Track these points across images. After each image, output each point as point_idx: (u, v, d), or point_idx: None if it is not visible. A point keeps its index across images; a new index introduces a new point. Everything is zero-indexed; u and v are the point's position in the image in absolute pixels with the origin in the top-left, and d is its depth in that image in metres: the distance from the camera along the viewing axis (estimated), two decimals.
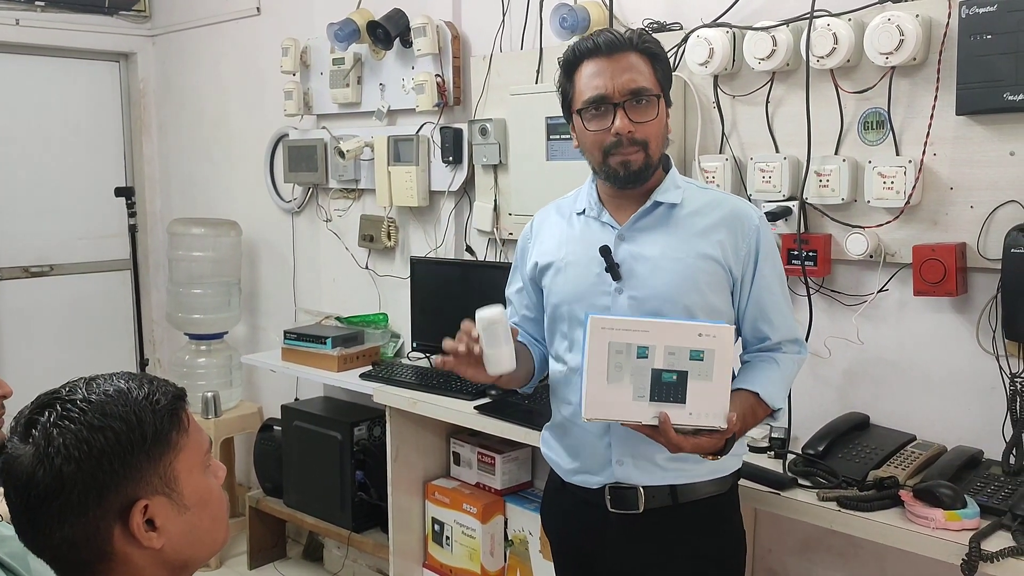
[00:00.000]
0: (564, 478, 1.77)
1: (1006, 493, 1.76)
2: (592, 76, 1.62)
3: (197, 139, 4.26)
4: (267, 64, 3.67)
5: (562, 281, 1.72)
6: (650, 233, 1.66)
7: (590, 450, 1.70)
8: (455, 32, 2.98)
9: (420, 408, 2.70)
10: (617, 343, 1.45)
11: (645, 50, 1.63)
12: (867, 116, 2.09)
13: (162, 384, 1.11)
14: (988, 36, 1.84)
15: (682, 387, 1.46)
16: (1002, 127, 1.90)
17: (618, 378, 1.46)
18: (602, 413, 1.49)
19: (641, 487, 1.66)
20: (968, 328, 2.00)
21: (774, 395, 1.64)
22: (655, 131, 1.63)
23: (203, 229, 3.79)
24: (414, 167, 3.06)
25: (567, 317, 1.71)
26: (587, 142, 1.66)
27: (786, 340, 1.71)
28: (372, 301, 3.39)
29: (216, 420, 3.62)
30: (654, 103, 1.62)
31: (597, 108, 1.61)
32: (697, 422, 1.47)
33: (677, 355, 1.45)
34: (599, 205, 1.71)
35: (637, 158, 1.61)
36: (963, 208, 1.97)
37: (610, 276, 1.65)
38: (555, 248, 1.75)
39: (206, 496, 1.12)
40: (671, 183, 1.69)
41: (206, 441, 1.15)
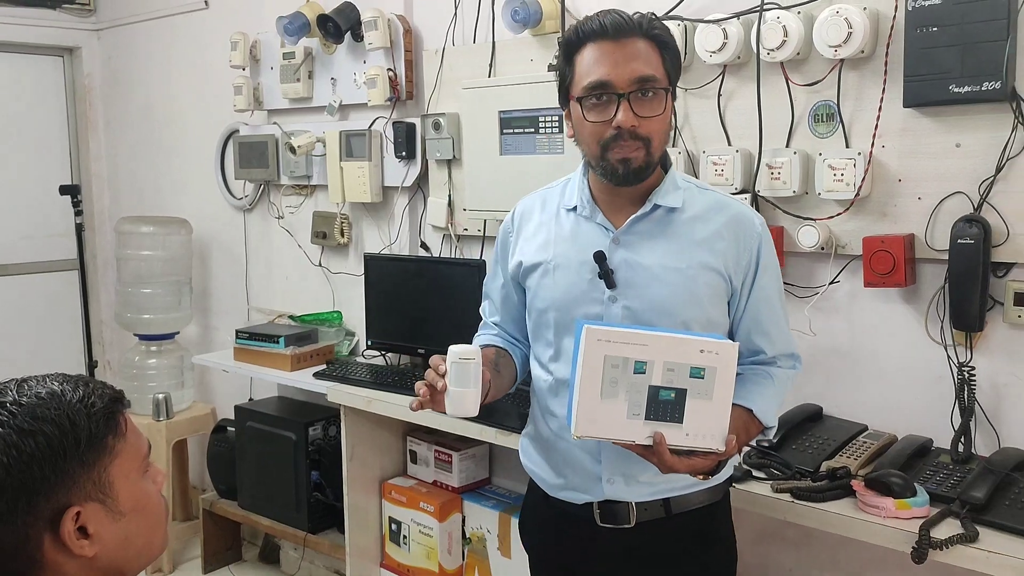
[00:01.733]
0: (549, 493, 1.66)
1: (955, 481, 1.78)
2: (596, 61, 1.46)
3: (145, 135, 4.17)
4: (216, 58, 3.60)
5: (550, 285, 1.58)
6: (648, 239, 1.54)
7: (578, 468, 1.59)
8: (407, 26, 2.95)
9: (375, 407, 2.67)
10: (613, 357, 1.35)
11: (655, 37, 1.48)
12: (817, 108, 2.10)
13: (99, 386, 1.07)
14: (934, 29, 1.85)
15: (680, 406, 1.36)
16: (948, 119, 1.92)
17: (612, 394, 1.36)
18: (594, 431, 1.38)
19: (633, 502, 1.57)
20: (917, 318, 2.02)
21: (767, 412, 1.55)
22: (660, 127, 1.49)
23: (152, 227, 3.71)
24: (367, 162, 3.02)
25: (554, 324, 1.59)
26: (584, 133, 1.51)
27: (782, 355, 1.62)
28: (326, 299, 3.34)
29: (168, 422, 3.54)
30: (661, 96, 1.48)
31: (599, 98, 1.47)
32: (694, 443, 1.38)
33: (676, 372, 1.35)
34: (592, 204, 1.58)
35: (638, 155, 1.47)
36: (911, 200, 1.99)
37: (604, 283, 1.52)
38: (542, 247, 1.61)
39: (143, 502, 1.08)
40: (671, 184, 1.55)
41: (144, 445, 1.12)
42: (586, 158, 1.55)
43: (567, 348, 1.56)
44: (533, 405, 1.70)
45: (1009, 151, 1.84)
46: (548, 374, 1.62)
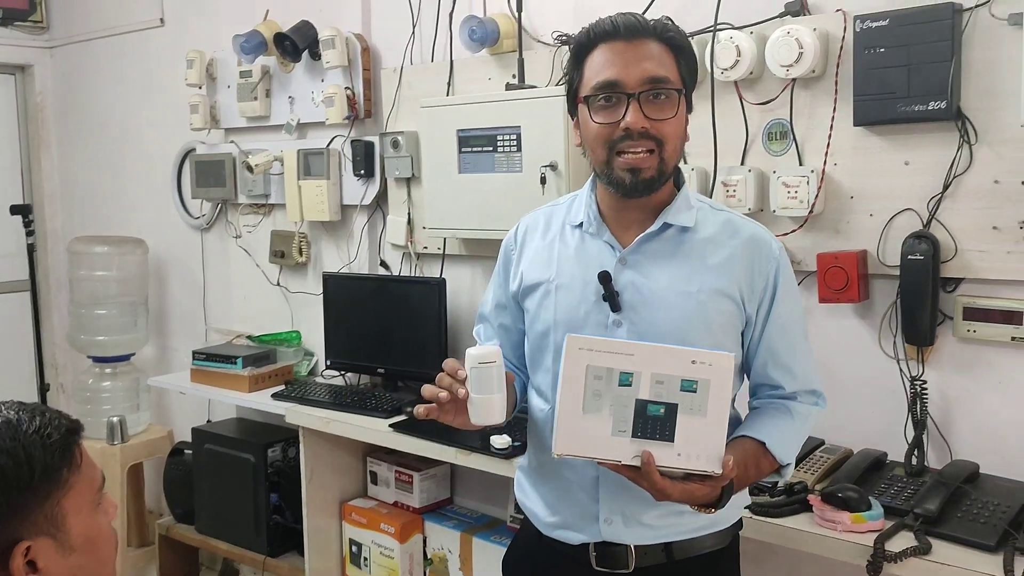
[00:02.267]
0: (542, 531, 1.54)
1: (909, 494, 1.80)
2: (606, 61, 1.38)
3: (100, 154, 4.10)
4: (172, 77, 3.56)
5: (551, 305, 1.47)
6: (658, 260, 1.43)
7: (574, 504, 1.48)
8: (365, 44, 2.94)
9: (334, 427, 2.64)
10: (596, 367, 1.25)
11: (669, 40, 1.39)
12: (771, 127, 2.13)
13: (55, 416, 1.05)
14: (881, 50, 1.89)
15: (671, 422, 1.24)
16: (897, 137, 1.96)
17: (596, 408, 1.25)
18: (575, 449, 1.27)
19: (632, 545, 1.45)
20: (871, 333, 2.05)
21: (784, 448, 1.42)
22: (673, 131, 1.38)
23: (107, 247, 3.64)
24: (325, 181, 3.00)
25: (554, 348, 1.45)
26: (591, 136, 1.41)
27: (803, 391, 1.48)
28: (284, 318, 3.31)
29: (123, 445, 3.47)
30: (674, 100, 1.38)
31: (608, 99, 1.37)
32: (687, 464, 1.25)
33: (666, 384, 1.24)
34: (599, 220, 1.47)
35: (649, 163, 1.37)
36: (863, 216, 2.02)
37: (608, 305, 1.41)
38: (545, 265, 1.50)
39: (94, 537, 1.06)
40: (684, 202, 1.45)
41: (99, 477, 1.09)
42: (594, 167, 1.45)
43: None
44: (530, 437, 1.59)
45: (956, 169, 1.88)
46: (546, 403, 1.49)
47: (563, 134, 2.30)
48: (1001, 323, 1.86)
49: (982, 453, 1.90)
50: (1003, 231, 1.85)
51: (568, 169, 2.32)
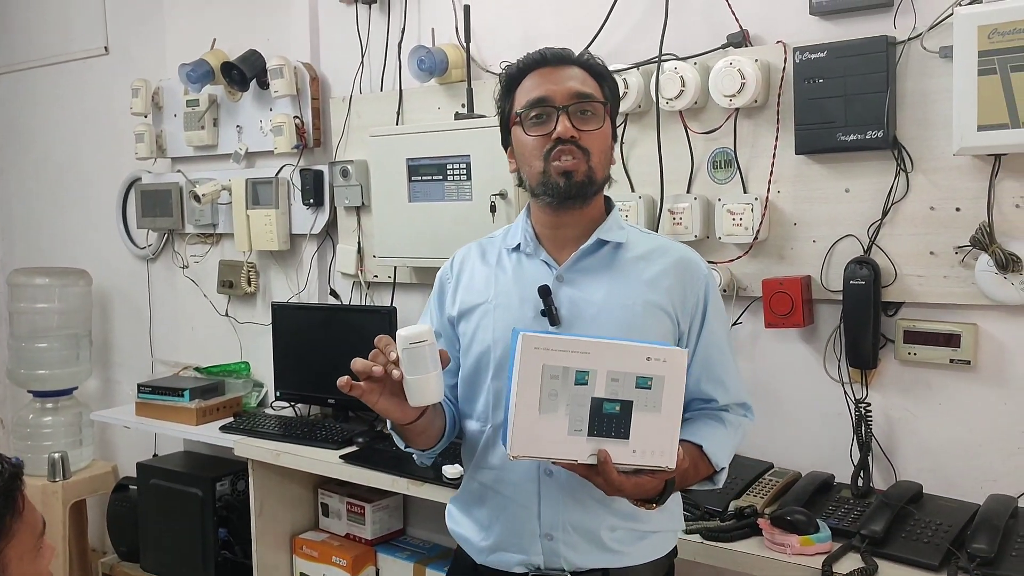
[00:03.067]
0: (476, 559, 1.53)
1: (855, 515, 1.83)
2: (534, 85, 1.48)
3: (42, 184, 4.02)
4: (117, 105, 3.52)
5: (489, 325, 1.50)
6: (593, 275, 1.49)
7: (513, 522, 1.48)
8: (313, 73, 2.94)
9: (284, 460, 2.60)
10: (552, 366, 1.24)
11: (592, 67, 1.51)
12: (716, 155, 2.17)
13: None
14: (820, 80, 1.95)
15: (626, 420, 1.25)
16: (837, 166, 2.00)
17: (552, 408, 1.24)
18: (533, 450, 1.26)
19: (570, 573, 1.46)
20: (816, 357, 2.09)
21: (719, 453, 1.46)
22: (599, 143, 1.47)
23: (48, 279, 3.56)
24: (274, 210, 2.98)
25: (494, 366, 1.48)
26: (526, 151, 1.48)
27: (734, 403, 1.54)
28: (233, 349, 3.26)
29: (65, 482, 3.38)
30: (600, 113, 1.48)
31: (539, 115, 1.46)
32: (642, 461, 1.27)
33: (621, 382, 1.25)
34: (535, 241, 1.53)
35: (580, 167, 1.44)
36: (806, 243, 2.06)
37: (547, 320, 1.45)
38: (482, 288, 1.54)
39: None
40: (615, 222, 1.53)
41: (40, 522, 1.06)
42: (528, 184, 1.50)
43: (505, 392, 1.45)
44: (466, 461, 1.59)
45: (893, 196, 1.93)
46: (484, 424, 1.51)
47: None
48: (940, 346, 1.91)
49: (925, 473, 1.94)
50: (939, 256, 1.90)
51: (517, 198, 2.33)
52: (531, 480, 1.46)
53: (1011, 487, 1.84)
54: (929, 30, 1.86)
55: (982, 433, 1.90)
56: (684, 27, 2.20)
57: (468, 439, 1.57)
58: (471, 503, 1.56)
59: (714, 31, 2.15)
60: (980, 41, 1.71)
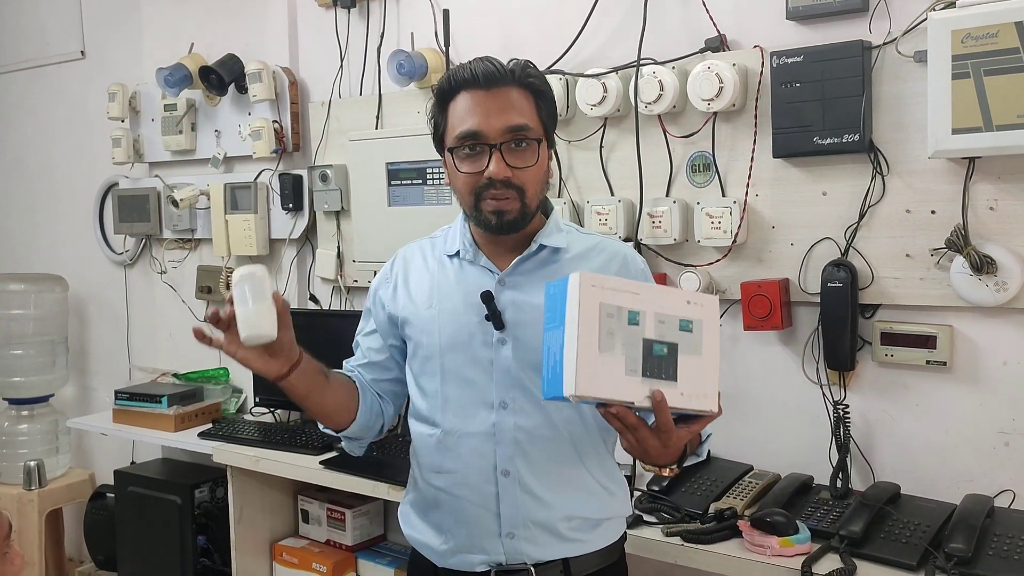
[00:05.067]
0: (436, 563, 1.54)
1: (834, 516, 1.84)
2: (467, 111, 1.43)
3: (17, 189, 3.98)
4: (94, 110, 3.49)
5: (435, 331, 1.52)
6: (534, 278, 1.50)
7: (473, 524, 1.50)
8: (292, 78, 2.93)
9: (263, 466, 2.59)
10: (609, 305, 1.22)
11: (528, 85, 1.46)
12: (694, 159, 2.18)
13: None
14: (797, 84, 1.96)
15: (673, 362, 1.25)
16: (814, 169, 2.02)
17: (610, 347, 1.22)
18: (594, 389, 1.22)
19: (532, 566, 1.48)
20: (795, 359, 2.10)
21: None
22: (534, 177, 1.46)
23: (23, 285, 3.52)
24: (252, 215, 2.96)
25: (441, 372, 1.51)
26: (458, 184, 1.48)
27: None
28: (211, 356, 3.22)
29: (41, 491, 3.34)
30: (534, 147, 1.45)
31: (471, 148, 1.44)
32: (689, 404, 1.26)
33: (667, 324, 1.25)
34: (474, 247, 1.54)
35: (512, 206, 1.44)
36: (784, 245, 2.07)
37: (492, 325, 1.47)
38: (426, 295, 1.56)
39: None
40: (554, 226, 1.54)
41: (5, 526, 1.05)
42: (463, 208, 1.52)
43: (455, 397, 1.50)
44: (413, 469, 1.62)
45: (870, 199, 1.95)
46: (434, 428, 1.53)
47: None
48: (916, 347, 1.92)
49: (903, 474, 1.95)
50: (915, 258, 1.91)
51: None
52: (489, 482, 1.48)
53: (987, 487, 1.86)
54: (904, 35, 1.87)
55: (958, 434, 1.92)
56: (663, 32, 2.21)
57: (416, 442, 1.59)
58: (427, 508, 1.57)
59: (692, 36, 2.17)
60: (954, 45, 1.73)
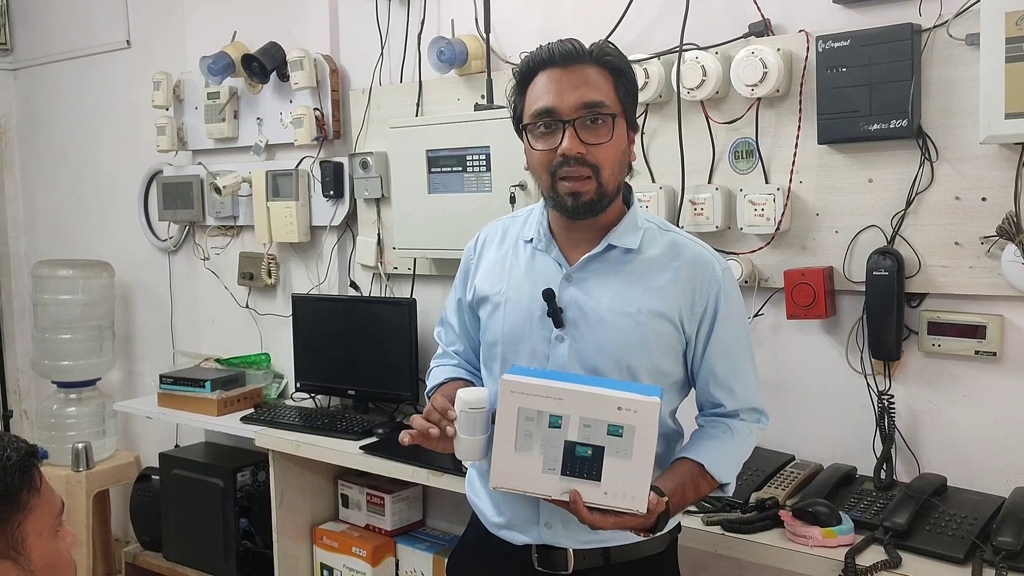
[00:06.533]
0: (489, 530, 1.60)
1: (878, 508, 1.82)
2: (544, 89, 1.42)
3: (65, 177, 4.05)
4: (139, 99, 3.53)
5: (500, 318, 1.53)
6: (601, 279, 1.48)
7: (517, 508, 1.54)
8: (333, 65, 2.95)
9: (304, 450, 2.62)
10: (528, 409, 1.31)
11: (607, 63, 1.43)
12: (737, 146, 2.16)
13: (13, 440, 1.04)
14: (843, 69, 1.92)
15: (597, 463, 1.30)
16: (860, 155, 1.98)
17: (527, 447, 1.31)
18: (509, 484, 1.35)
19: (571, 549, 1.50)
20: (838, 349, 2.07)
21: (723, 468, 1.48)
22: (610, 156, 1.42)
23: (72, 271, 3.59)
24: (294, 202, 2.99)
25: (501, 359, 1.53)
26: (534, 163, 1.47)
27: (744, 408, 1.53)
28: (253, 341, 3.27)
29: (88, 472, 3.41)
30: (609, 123, 1.42)
31: (546, 126, 1.42)
32: (612, 503, 1.32)
33: (593, 428, 1.30)
34: (549, 237, 1.52)
35: (588, 187, 1.42)
36: (829, 233, 2.04)
37: (552, 321, 1.47)
38: (497, 278, 1.56)
39: (55, 561, 1.04)
40: (630, 223, 1.50)
41: (58, 503, 1.08)
42: (540, 190, 1.50)
43: None
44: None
45: (918, 186, 1.91)
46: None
47: None
48: (964, 337, 1.89)
49: (949, 466, 1.92)
50: (965, 247, 1.88)
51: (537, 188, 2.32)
52: None
53: None
54: (955, 17, 1.83)
55: (1008, 425, 1.88)
56: (705, 16, 2.18)
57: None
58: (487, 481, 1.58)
59: (735, 20, 2.14)
60: (1008, 27, 1.69)
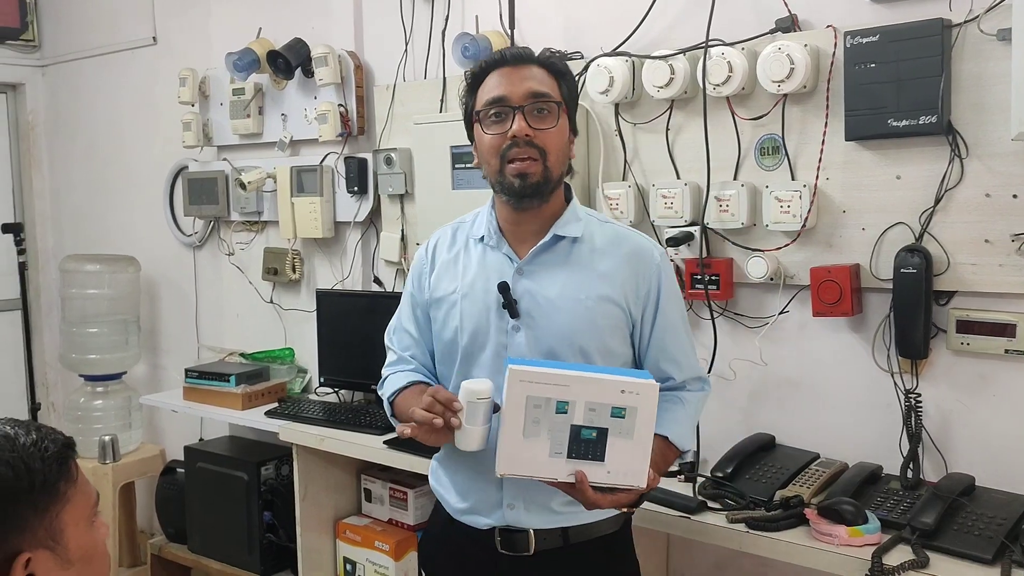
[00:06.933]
0: (453, 516, 1.68)
1: (905, 507, 1.80)
2: (495, 83, 1.56)
3: (91, 172, 4.10)
4: (164, 95, 3.56)
5: (457, 315, 1.62)
6: (550, 269, 1.59)
7: (480, 492, 1.62)
8: (357, 62, 2.96)
9: (328, 445, 2.63)
10: (536, 397, 1.37)
11: (551, 66, 1.59)
12: (763, 142, 2.14)
13: (50, 432, 1.06)
14: (871, 65, 1.91)
15: (602, 444, 1.38)
16: (888, 152, 1.97)
17: (535, 433, 1.38)
18: (517, 469, 1.40)
19: (532, 530, 1.59)
20: (864, 346, 2.06)
21: (683, 437, 1.60)
22: (555, 141, 1.55)
23: (98, 265, 3.63)
24: (318, 198, 3.00)
25: (461, 353, 1.62)
26: (485, 148, 1.57)
27: (691, 378, 1.66)
28: (277, 336, 3.30)
29: (115, 464, 3.45)
30: (555, 112, 1.55)
31: (497, 114, 1.54)
32: (615, 481, 1.40)
33: (598, 411, 1.37)
34: (498, 234, 1.63)
35: (535, 168, 1.53)
36: (855, 230, 2.03)
37: (508, 313, 1.57)
38: (450, 278, 1.66)
39: (91, 552, 1.06)
40: (572, 215, 1.62)
41: (94, 494, 1.09)
42: (489, 180, 1.60)
43: (474, 375, 1.58)
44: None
45: (947, 183, 1.89)
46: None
47: None
48: (994, 336, 1.87)
49: (977, 465, 1.90)
50: (995, 244, 1.86)
51: None
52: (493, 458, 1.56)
53: None
54: (986, 12, 1.81)
55: None
56: (731, 12, 2.17)
57: None
58: (453, 469, 1.69)
59: (762, 16, 2.12)
60: None
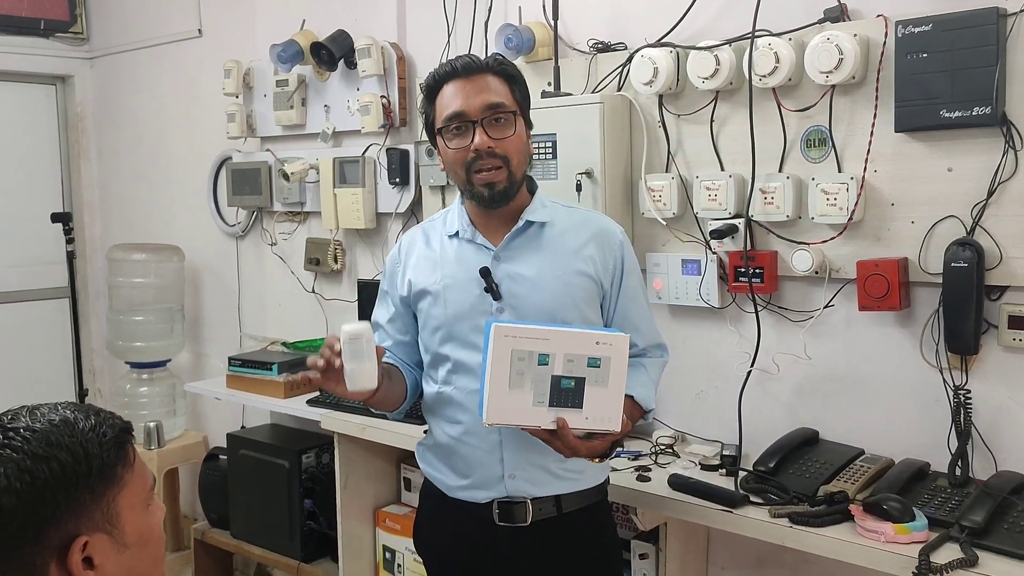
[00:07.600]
0: (448, 494, 1.77)
1: (953, 505, 1.77)
2: (451, 96, 1.67)
3: (137, 163, 4.17)
4: (209, 86, 3.61)
5: (442, 303, 1.73)
6: (525, 252, 1.73)
7: (481, 467, 1.72)
8: (400, 53, 2.97)
9: (369, 434, 2.65)
10: (520, 350, 1.50)
11: (501, 72, 1.71)
12: (809, 134, 2.12)
13: (108, 416, 1.07)
14: (924, 55, 1.87)
15: (580, 393, 1.52)
16: (939, 144, 1.93)
17: (519, 384, 1.51)
18: (503, 419, 1.53)
19: (529, 500, 1.70)
20: (912, 341, 2.03)
21: (647, 397, 1.75)
22: (515, 147, 1.68)
23: (144, 255, 3.70)
24: (360, 189, 3.02)
25: (450, 340, 1.73)
26: (450, 160, 1.70)
27: (651, 345, 1.83)
28: (319, 325, 3.33)
29: (159, 451, 3.51)
30: (511, 120, 1.68)
31: (458, 128, 1.66)
32: (593, 426, 1.54)
33: (576, 362, 1.51)
34: (471, 227, 1.75)
35: (500, 177, 1.67)
36: (904, 223, 1.99)
37: (491, 296, 1.69)
38: (430, 271, 1.76)
39: (147, 536, 1.08)
40: (539, 204, 1.76)
41: (150, 478, 1.11)
42: (457, 185, 1.74)
43: (465, 360, 1.70)
44: (430, 420, 1.82)
45: (1000, 175, 1.85)
46: (446, 386, 1.75)
47: (599, 142, 2.30)
48: None
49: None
50: None
51: (604, 176, 2.31)
52: (492, 432, 1.70)
53: None
54: None
55: None
56: (779, 2, 2.14)
57: (434, 399, 1.78)
58: (444, 453, 1.78)
59: (810, 6, 2.09)
60: None
